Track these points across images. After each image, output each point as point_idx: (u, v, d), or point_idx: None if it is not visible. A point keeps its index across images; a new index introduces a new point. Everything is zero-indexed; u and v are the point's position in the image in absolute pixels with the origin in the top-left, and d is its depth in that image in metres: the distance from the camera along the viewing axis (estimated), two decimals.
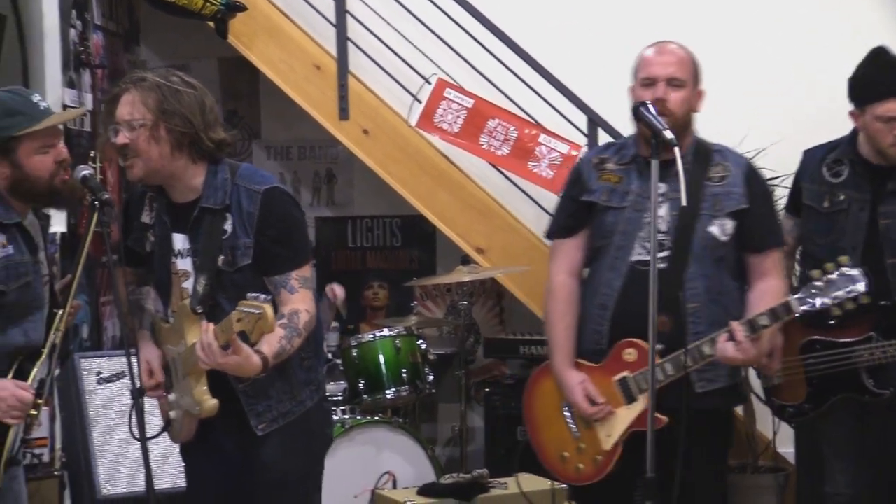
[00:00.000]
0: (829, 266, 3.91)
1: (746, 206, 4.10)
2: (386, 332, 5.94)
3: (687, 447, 3.85)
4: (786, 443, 5.67)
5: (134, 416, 3.54)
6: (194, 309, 3.63)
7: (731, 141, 4.32)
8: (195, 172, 3.70)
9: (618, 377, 4.11)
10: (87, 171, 3.64)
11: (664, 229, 4.06)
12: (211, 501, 3.91)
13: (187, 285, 3.72)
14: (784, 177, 4.94)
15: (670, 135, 3.72)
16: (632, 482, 3.92)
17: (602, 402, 4.11)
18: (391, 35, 6.33)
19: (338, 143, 6.57)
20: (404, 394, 5.85)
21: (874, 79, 4.41)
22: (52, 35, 5.34)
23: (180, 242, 3.73)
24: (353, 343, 5.90)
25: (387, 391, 5.82)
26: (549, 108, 6.23)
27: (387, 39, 6.33)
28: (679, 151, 3.71)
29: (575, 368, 4.18)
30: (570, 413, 4.22)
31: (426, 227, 6.83)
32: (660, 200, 4.02)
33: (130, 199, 3.90)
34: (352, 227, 7.42)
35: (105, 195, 3.58)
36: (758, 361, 4.20)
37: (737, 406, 4.84)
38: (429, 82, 6.12)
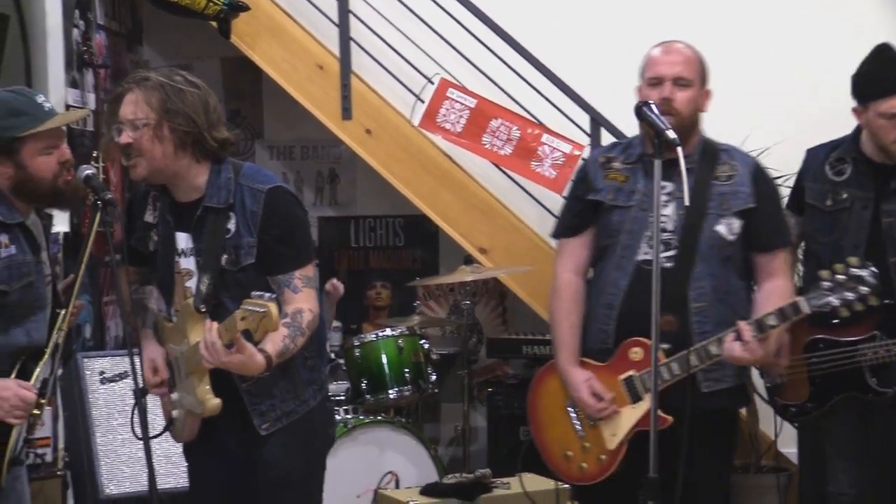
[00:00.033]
0: (838, 267, 3.89)
1: (754, 206, 4.08)
2: (389, 331, 5.94)
3: (691, 447, 3.85)
4: (788, 443, 5.66)
5: (136, 416, 3.54)
6: (198, 308, 3.63)
7: (733, 141, 4.31)
8: (198, 172, 3.70)
9: (623, 376, 4.09)
10: (89, 171, 3.64)
11: (671, 228, 4.05)
12: (214, 501, 3.91)
13: (190, 284, 3.72)
14: (787, 176, 4.94)
15: (673, 134, 3.71)
16: (636, 482, 3.88)
17: (609, 398, 4.09)
18: (394, 35, 6.33)
19: (341, 143, 6.57)
20: (407, 394, 5.85)
21: (878, 75, 4.40)
22: (55, 35, 5.34)
23: (184, 241, 3.73)
24: (356, 343, 5.90)
25: (389, 391, 5.82)
26: (552, 108, 6.23)
27: (390, 39, 6.33)
28: (682, 151, 3.69)
29: (580, 367, 4.17)
30: (575, 412, 4.21)
31: (429, 226, 6.82)
32: (666, 200, 4.02)
33: (134, 199, 3.90)
34: (355, 227, 7.42)
35: (108, 195, 3.58)
36: (765, 362, 4.19)
37: (742, 407, 4.83)
38: (431, 82, 6.12)
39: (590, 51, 6.64)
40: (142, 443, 3.49)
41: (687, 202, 3.76)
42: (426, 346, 5.99)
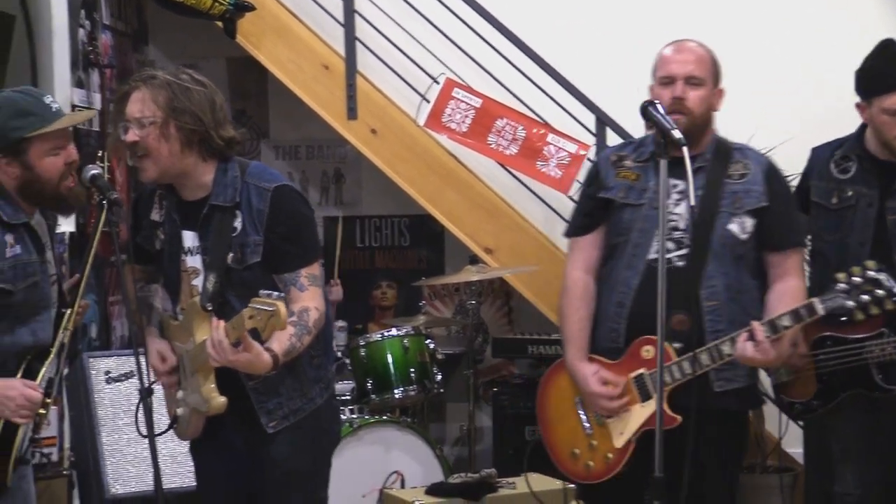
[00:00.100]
0: (855, 269, 3.86)
1: (766, 205, 4.06)
2: (394, 331, 5.94)
3: (698, 447, 3.81)
4: (794, 443, 5.66)
5: (141, 414, 3.54)
6: (204, 306, 3.63)
7: (738, 140, 4.31)
8: (205, 170, 3.70)
9: (634, 374, 4.07)
10: (95, 171, 3.65)
11: (682, 227, 4.03)
12: (220, 498, 3.91)
13: (197, 283, 3.72)
14: (792, 176, 4.92)
15: (678, 134, 3.69)
16: (642, 482, 3.85)
17: (619, 386, 4.05)
18: (399, 35, 6.34)
19: (346, 143, 6.57)
20: (412, 393, 5.85)
21: (881, 71, 4.39)
22: (60, 35, 5.35)
23: (190, 240, 3.74)
24: (362, 342, 5.90)
25: (395, 391, 5.82)
26: (558, 108, 6.23)
27: (395, 39, 6.33)
28: (688, 151, 3.68)
29: (589, 362, 4.15)
30: (584, 409, 4.19)
31: (434, 226, 6.82)
32: (678, 198, 4.01)
33: (140, 197, 3.90)
34: (360, 227, 7.42)
35: (114, 195, 3.58)
36: (777, 364, 4.17)
37: (754, 409, 4.78)
38: (437, 82, 6.12)
39: (595, 50, 6.64)
40: (147, 442, 3.49)
41: (692, 202, 3.76)
42: (432, 345, 5.99)
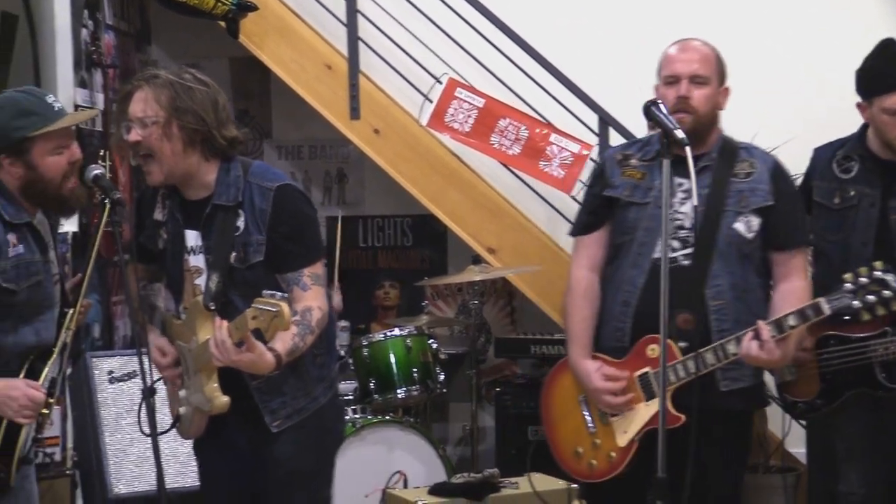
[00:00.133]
0: (862, 270, 3.85)
1: (772, 203, 4.05)
2: (397, 331, 5.94)
3: (701, 447, 3.79)
4: (796, 443, 5.66)
5: (144, 413, 3.54)
6: (207, 305, 3.63)
7: (740, 139, 4.30)
8: (207, 170, 3.70)
9: (639, 373, 4.06)
10: (98, 171, 3.65)
11: (688, 226, 4.02)
12: (223, 498, 3.91)
13: (200, 282, 3.72)
14: (795, 175, 4.93)
15: (681, 134, 3.69)
16: (645, 482, 3.84)
17: (622, 380, 4.04)
18: (402, 34, 6.34)
19: (349, 143, 6.58)
20: (415, 393, 5.85)
21: (881, 71, 4.39)
22: (63, 34, 5.35)
23: (193, 239, 3.74)
24: (364, 342, 5.90)
25: (398, 390, 5.82)
26: (560, 108, 6.23)
27: (398, 39, 6.33)
28: (691, 150, 3.68)
29: (592, 359, 4.13)
30: (588, 408, 4.18)
31: (437, 226, 6.82)
32: (683, 197, 4.01)
33: (143, 196, 3.90)
34: (363, 227, 7.43)
35: (116, 194, 3.59)
36: (781, 365, 4.15)
37: (759, 409, 4.76)
38: (440, 82, 6.12)
39: (598, 50, 6.64)
40: (150, 442, 3.49)
41: (695, 202, 3.75)
42: (434, 345, 5.99)
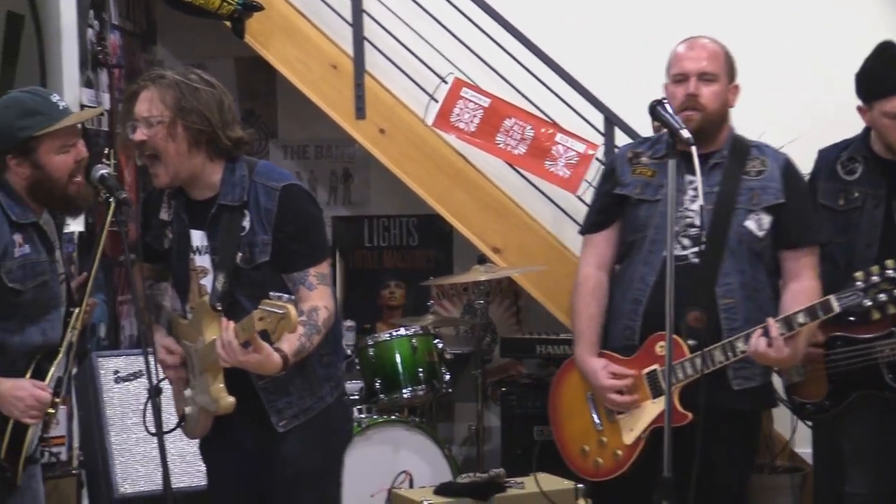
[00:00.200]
0: (873, 269, 3.85)
1: (783, 201, 4.04)
2: (403, 331, 5.94)
3: (709, 445, 3.78)
4: (803, 443, 5.65)
5: (149, 412, 3.54)
6: (213, 306, 3.63)
7: (748, 137, 4.29)
8: (213, 170, 3.70)
9: (647, 370, 4.04)
10: (104, 171, 3.66)
11: (698, 224, 4.00)
12: (230, 498, 3.90)
13: (206, 282, 3.72)
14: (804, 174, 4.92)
15: (687, 133, 3.68)
16: (651, 481, 3.81)
17: (629, 377, 4.03)
18: (408, 34, 6.34)
19: (354, 143, 6.58)
20: (421, 393, 5.85)
21: (881, 74, 4.37)
22: (69, 35, 5.35)
23: (198, 239, 3.73)
24: (370, 342, 5.90)
25: (403, 390, 5.82)
26: (566, 108, 6.23)
27: (403, 39, 6.33)
28: (700, 148, 3.67)
29: (599, 357, 4.12)
30: (594, 406, 4.16)
31: (443, 226, 6.82)
32: (693, 195, 3.99)
33: (149, 196, 3.90)
34: (368, 227, 7.43)
35: (122, 194, 3.59)
36: (790, 363, 4.13)
37: (769, 408, 4.73)
38: (445, 81, 6.12)
39: (604, 50, 6.63)
40: (156, 442, 3.49)
41: (702, 201, 3.75)
42: (440, 345, 5.99)
